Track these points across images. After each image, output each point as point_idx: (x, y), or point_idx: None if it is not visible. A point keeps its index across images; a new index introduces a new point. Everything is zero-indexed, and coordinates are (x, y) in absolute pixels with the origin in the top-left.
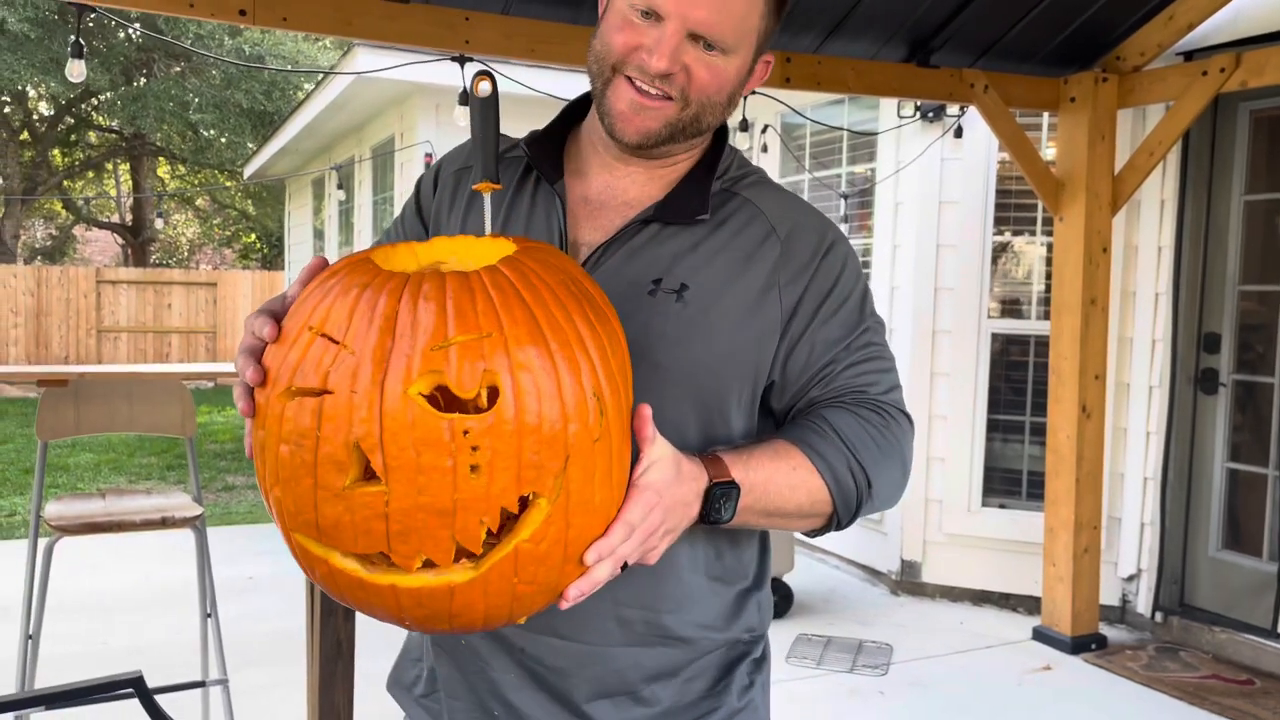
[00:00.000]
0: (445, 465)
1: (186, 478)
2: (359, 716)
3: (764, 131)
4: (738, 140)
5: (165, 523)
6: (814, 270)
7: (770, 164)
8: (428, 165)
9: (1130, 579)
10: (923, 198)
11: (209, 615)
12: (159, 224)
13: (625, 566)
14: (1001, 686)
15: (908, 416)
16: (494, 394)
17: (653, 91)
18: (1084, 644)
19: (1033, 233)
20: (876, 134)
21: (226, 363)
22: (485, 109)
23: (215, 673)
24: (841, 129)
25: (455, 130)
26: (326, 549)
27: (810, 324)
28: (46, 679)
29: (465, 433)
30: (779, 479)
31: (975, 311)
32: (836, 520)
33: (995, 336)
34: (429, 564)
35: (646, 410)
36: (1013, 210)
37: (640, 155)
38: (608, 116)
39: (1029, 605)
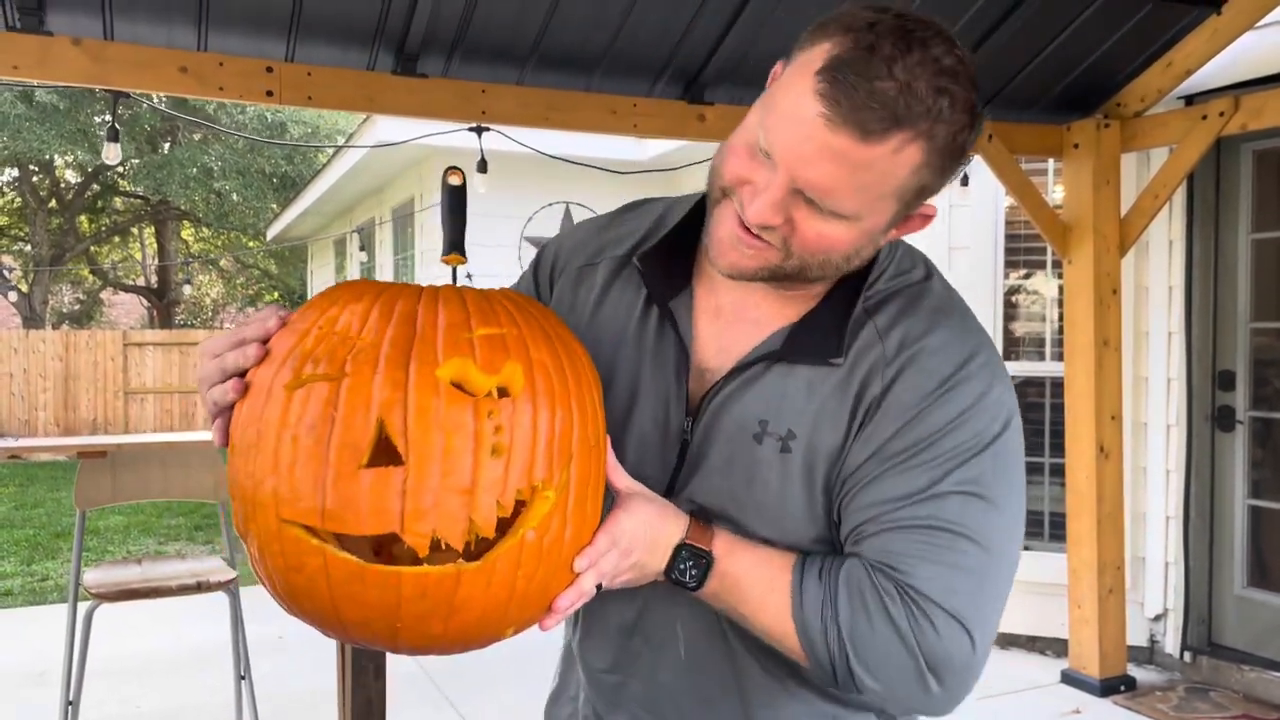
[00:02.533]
0: (468, 446)
1: (214, 537)
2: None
3: None
4: None
5: (200, 587)
6: (912, 416)
7: None
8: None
9: (1157, 619)
10: (932, 244)
11: (243, 677)
12: (186, 290)
13: (599, 589)
14: None
15: (964, 629)
16: (503, 394)
17: (754, 231)
18: (1113, 686)
19: (1044, 275)
20: None
21: None
22: (457, 196)
23: None
24: None
25: (473, 195)
26: (323, 541)
27: (881, 470)
28: None
29: (489, 414)
30: (756, 586)
31: None
32: (821, 670)
33: (1011, 378)
34: (436, 547)
35: (612, 458)
36: (1023, 253)
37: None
38: (708, 237)
39: (1056, 647)
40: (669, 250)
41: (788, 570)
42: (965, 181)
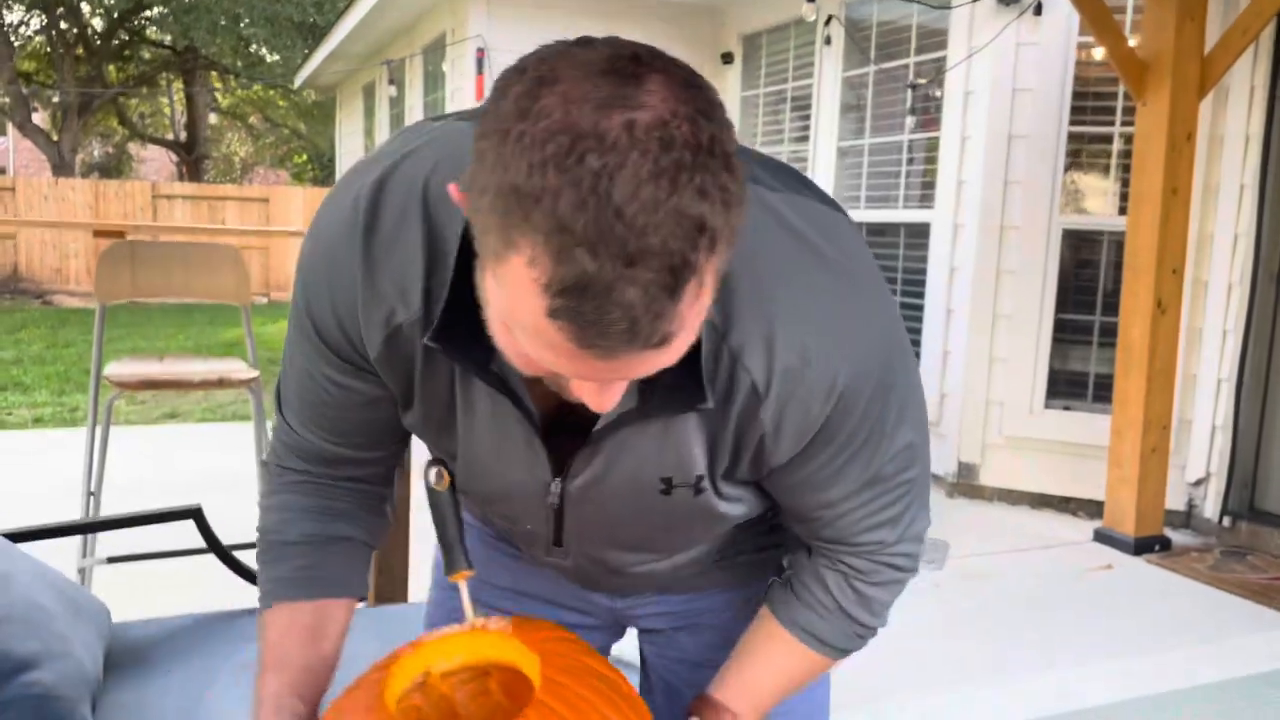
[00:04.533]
0: None
1: None
2: (415, 578)
3: (828, 23)
4: (795, 35)
5: (222, 383)
6: (806, 445)
7: (834, 58)
8: (480, 61)
9: (1198, 483)
10: (995, 85)
11: None
12: (212, 119)
13: None
14: (1060, 583)
15: (920, 530)
16: None
17: None
18: (1147, 545)
19: (1111, 123)
20: (950, 7)
21: (277, 226)
22: (441, 500)
23: None
24: (913, 4)
25: (508, 22)
26: None
27: (801, 478)
28: (105, 551)
29: None
30: (789, 678)
31: (1046, 206)
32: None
33: (1067, 232)
34: None
35: None
36: (1091, 99)
37: None
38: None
39: (1090, 509)
40: (459, 316)
41: (793, 641)
42: (1039, 10)
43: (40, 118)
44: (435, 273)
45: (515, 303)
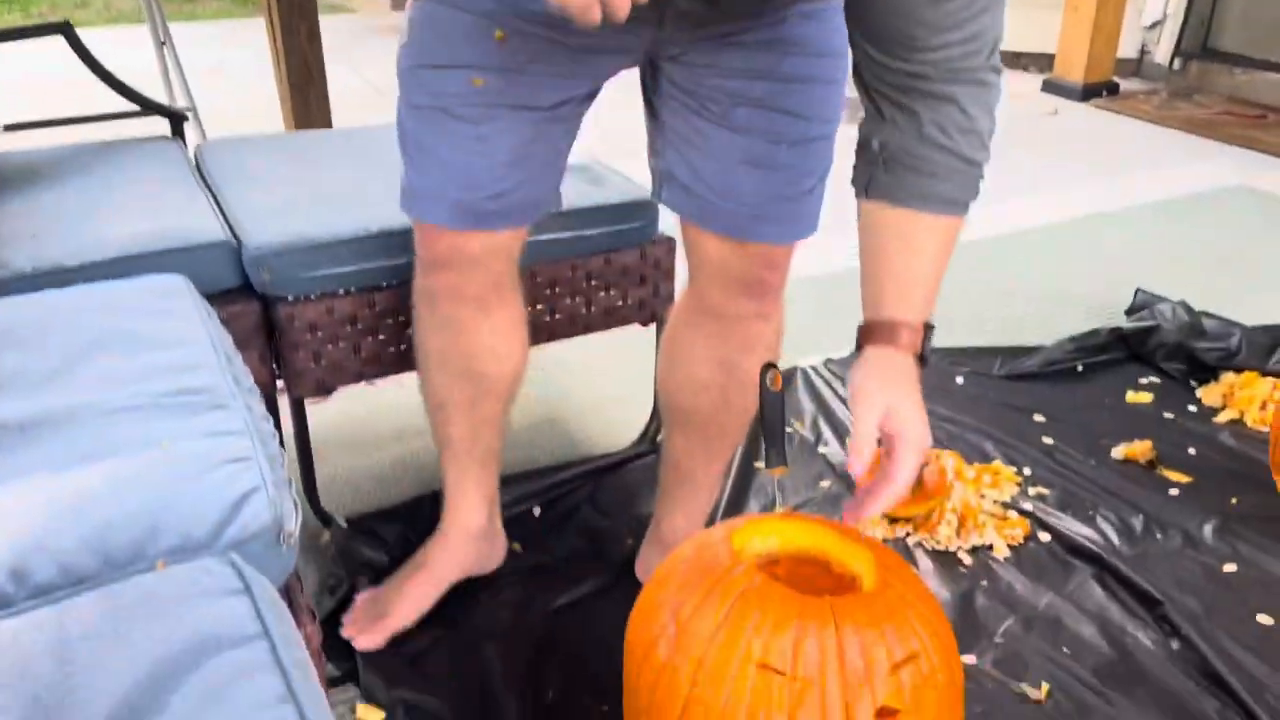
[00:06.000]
0: None
1: None
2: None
3: None
4: None
5: None
6: None
7: None
8: None
9: (1153, 26)
10: None
11: (163, 43)
12: None
13: None
14: (1003, 129)
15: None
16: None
17: None
18: (1095, 91)
19: None
20: None
21: None
22: (774, 400)
23: (182, 101)
24: None
25: None
26: None
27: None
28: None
29: None
30: (935, 261)
31: None
32: None
33: None
34: None
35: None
36: None
37: None
38: None
39: (1041, 63)
40: None
41: (923, 219)
42: None
43: None
44: None
45: None
